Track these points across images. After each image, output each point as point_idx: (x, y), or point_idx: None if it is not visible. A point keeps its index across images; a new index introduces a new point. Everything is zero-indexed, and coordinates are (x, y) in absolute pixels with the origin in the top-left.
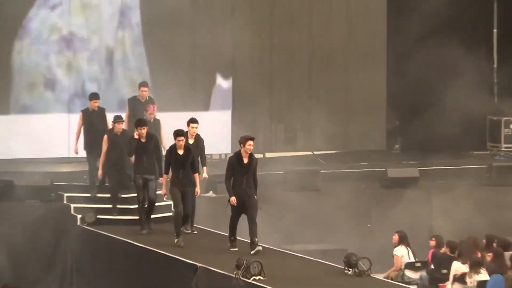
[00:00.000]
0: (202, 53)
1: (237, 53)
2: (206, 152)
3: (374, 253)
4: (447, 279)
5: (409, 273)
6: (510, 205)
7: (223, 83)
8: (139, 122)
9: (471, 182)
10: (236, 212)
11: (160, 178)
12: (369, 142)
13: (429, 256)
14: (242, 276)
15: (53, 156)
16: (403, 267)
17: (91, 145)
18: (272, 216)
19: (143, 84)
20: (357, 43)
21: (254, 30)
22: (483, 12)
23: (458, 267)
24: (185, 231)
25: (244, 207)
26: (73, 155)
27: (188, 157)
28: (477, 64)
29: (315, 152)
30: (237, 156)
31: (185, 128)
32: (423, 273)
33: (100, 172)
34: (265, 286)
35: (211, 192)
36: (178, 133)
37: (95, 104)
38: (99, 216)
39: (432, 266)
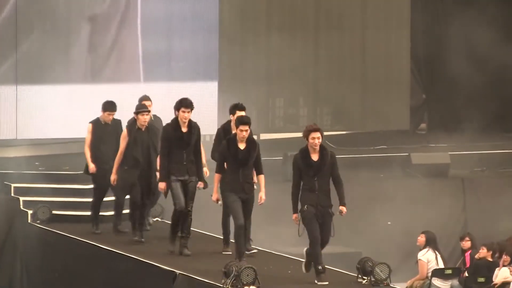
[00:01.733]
0: None
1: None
2: None
3: (395, 257)
4: None
5: (437, 282)
6: None
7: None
8: (182, 103)
9: None
10: (313, 226)
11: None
12: (389, 121)
13: (467, 260)
14: (231, 286)
15: None
16: (430, 274)
17: (98, 165)
18: (270, 211)
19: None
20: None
21: None
22: None
23: (506, 275)
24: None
25: (320, 220)
26: (21, 137)
27: (251, 153)
28: None
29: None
30: (302, 153)
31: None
32: (455, 282)
33: (113, 177)
34: None
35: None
36: (242, 121)
37: (109, 117)
38: (54, 212)
39: (467, 274)
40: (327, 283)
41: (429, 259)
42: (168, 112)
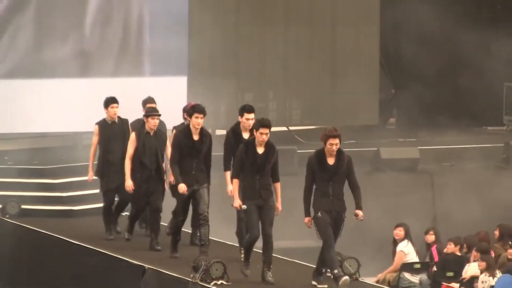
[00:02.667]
0: None
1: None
2: None
3: (364, 252)
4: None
5: (407, 276)
6: None
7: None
8: (195, 108)
9: (483, 164)
10: (326, 231)
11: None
12: (358, 116)
13: (434, 254)
14: (200, 281)
15: None
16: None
17: (106, 169)
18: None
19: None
20: None
21: None
22: None
23: (476, 270)
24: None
25: (333, 225)
26: None
27: (269, 158)
28: (486, 22)
29: (291, 128)
30: (318, 156)
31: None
32: (424, 276)
33: (128, 184)
34: None
35: None
36: (263, 124)
37: (114, 111)
38: (23, 207)
39: (435, 268)
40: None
41: (409, 251)
42: (137, 106)
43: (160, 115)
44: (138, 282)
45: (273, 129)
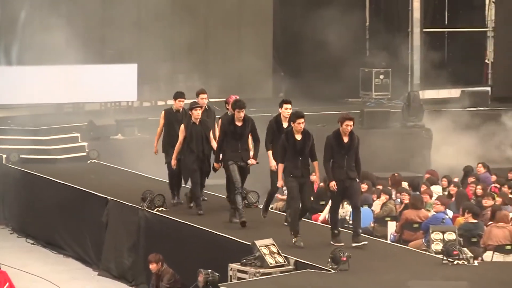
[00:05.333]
0: None
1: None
2: (115, 100)
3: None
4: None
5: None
6: (378, 145)
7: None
8: (237, 104)
9: None
10: (337, 200)
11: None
12: (258, 91)
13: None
14: (147, 208)
15: None
16: None
17: (170, 147)
18: None
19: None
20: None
21: None
22: None
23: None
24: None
25: (346, 193)
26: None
27: (307, 142)
28: (352, 23)
29: (211, 100)
30: (336, 135)
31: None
32: None
33: (173, 162)
34: (166, 216)
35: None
36: (298, 115)
37: (179, 104)
38: (22, 156)
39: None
40: (343, 244)
41: None
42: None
43: (201, 107)
44: (103, 209)
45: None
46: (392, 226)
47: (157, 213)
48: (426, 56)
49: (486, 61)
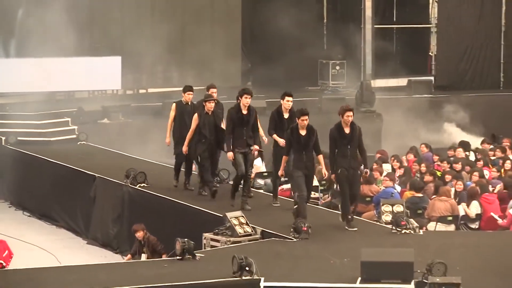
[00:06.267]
0: None
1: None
2: (101, 88)
3: None
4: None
5: (259, 180)
6: None
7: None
8: (245, 90)
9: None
10: (345, 186)
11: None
12: (229, 80)
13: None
14: (130, 184)
15: None
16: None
17: (180, 138)
18: (152, 131)
19: (211, 86)
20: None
21: None
22: None
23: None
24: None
25: (349, 180)
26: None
27: (311, 137)
28: (312, 20)
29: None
30: (338, 127)
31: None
32: (268, 180)
33: (185, 148)
34: (147, 191)
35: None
36: (303, 112)
37: (188, 97)
38: (19, 138)
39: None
40: (356, 229)
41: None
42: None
43: (215, 100)
44: (91, 185)
45: (175, 88)
46: None
47: (139, 188)
48: (377, 49)
49: (430, 53)
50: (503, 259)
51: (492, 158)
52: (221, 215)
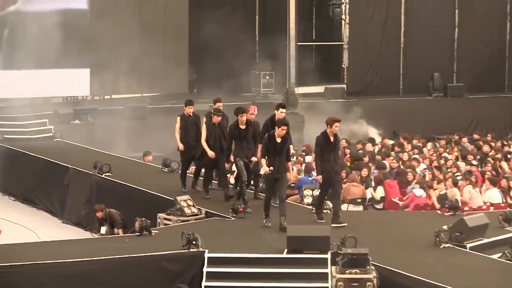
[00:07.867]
0: None
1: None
2: (73, 95)
3: None
4: None
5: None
6: None
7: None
8: (239, 110)
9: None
10: (325, 188)
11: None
12: (178, 87)
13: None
14: (97, 173)
15: None
16: None
17: (185, 148)
18: (116, 130)
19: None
20: (171, 18)
21: None
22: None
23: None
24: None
25: (331, 182)
26: None
27: (285, 145)
28: (247, 38)
29: (144, 95)
30: (324, 135)
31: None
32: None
33: (211, 154)
34: (112, 179)
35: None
36: (284, 122)
37: (190, 110)
38: (5, 136)
39: None
40: (324, 220)
41: None
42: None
43: (222, 113)
44: (65, 174)
45: (133, 95)
46: None
47: (105, 177)
48: (299, 62)
49: (343, 66)
50: (403, 233)
51: (392, 152)
52: (172, 199)
